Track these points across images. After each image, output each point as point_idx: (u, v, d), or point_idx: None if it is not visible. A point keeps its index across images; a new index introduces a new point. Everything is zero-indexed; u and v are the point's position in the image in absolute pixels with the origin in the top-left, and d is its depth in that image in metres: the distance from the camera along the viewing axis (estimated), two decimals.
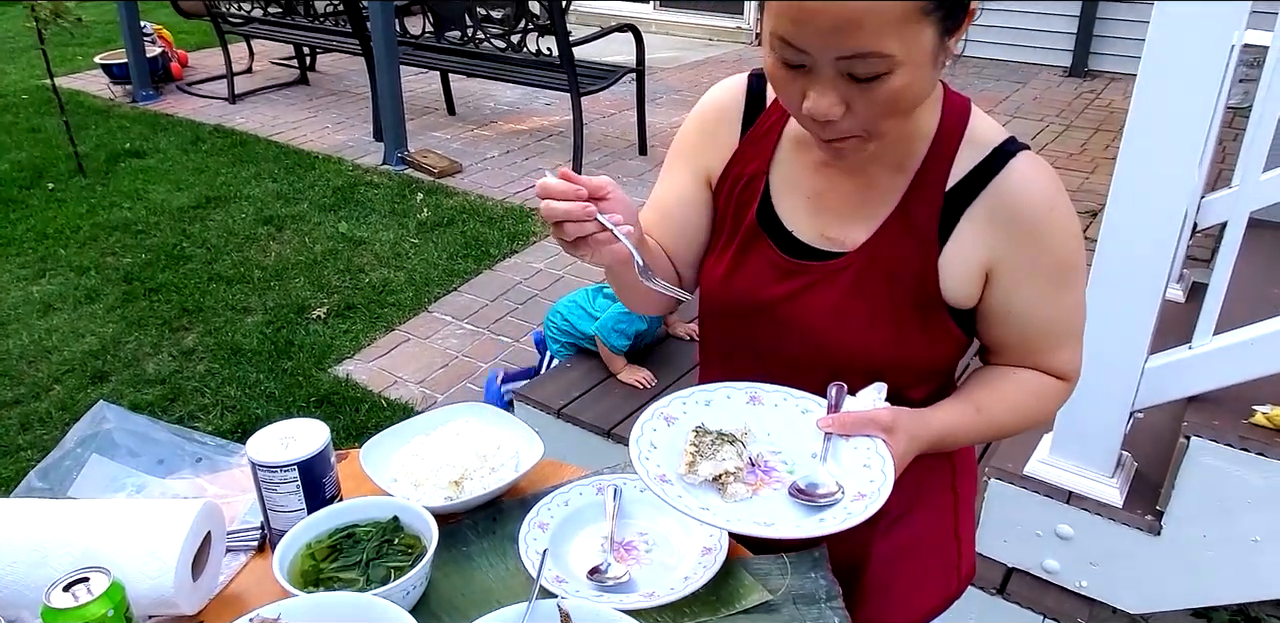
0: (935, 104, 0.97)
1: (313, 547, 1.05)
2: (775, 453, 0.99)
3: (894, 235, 0.98)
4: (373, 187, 4.62)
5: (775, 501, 0.93)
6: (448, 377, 3.11)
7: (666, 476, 0.94)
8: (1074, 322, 1.03)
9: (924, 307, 0.98)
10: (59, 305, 3.55)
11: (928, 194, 0.96)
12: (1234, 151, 3.32)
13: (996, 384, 1.05)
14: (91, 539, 0.98)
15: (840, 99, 0.84)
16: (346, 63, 6.62)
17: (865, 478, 0.91)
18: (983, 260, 0.97)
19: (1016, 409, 1.04)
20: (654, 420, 1.00)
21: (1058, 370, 1.05)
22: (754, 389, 1.03)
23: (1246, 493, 1.67)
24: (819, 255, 1.01)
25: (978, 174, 0.95)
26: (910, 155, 0.97)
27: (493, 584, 1.07)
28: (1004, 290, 0.98)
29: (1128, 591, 1.86)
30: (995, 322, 1.01)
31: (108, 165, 4.92)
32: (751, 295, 1.04)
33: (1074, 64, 6.28)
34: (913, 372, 1.03)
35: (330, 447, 1.11)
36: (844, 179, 1.00)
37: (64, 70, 6.59)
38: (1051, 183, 0.96)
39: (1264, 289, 2.25)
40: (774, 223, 1.04)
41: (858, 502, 0.89)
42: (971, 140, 0.96)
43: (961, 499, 1.21)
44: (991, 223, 0.95)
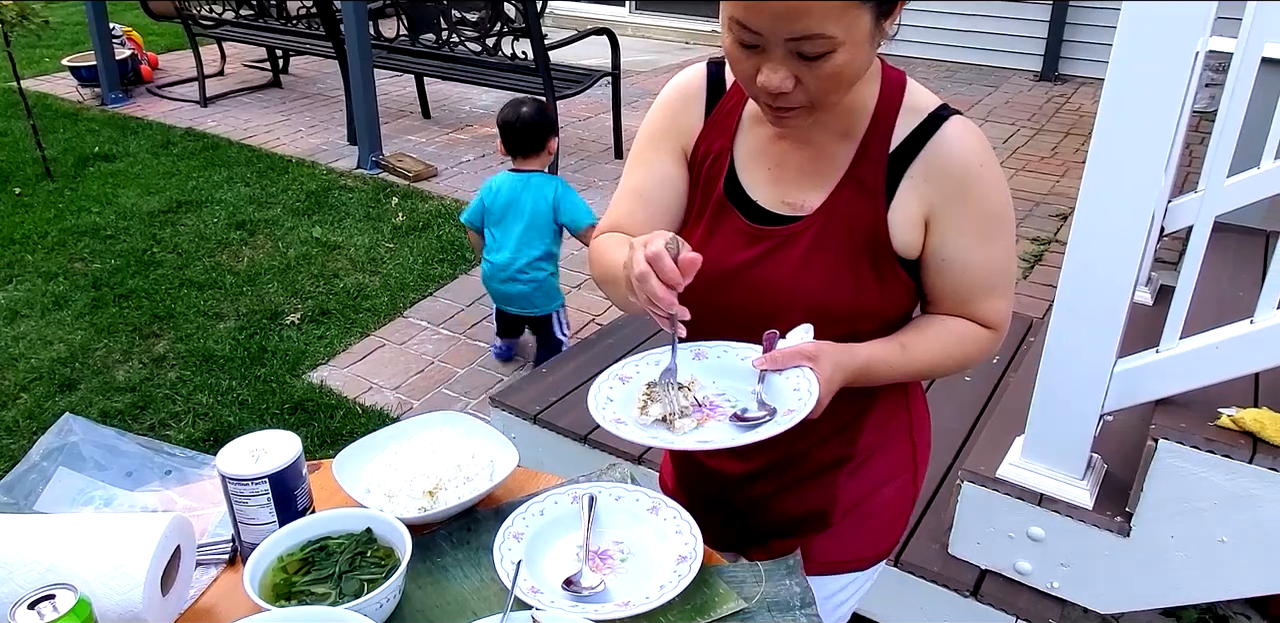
0: (874, 78, 1.08)
1: (285, 560, 1.04)
2: (720, 394, 1.09)
3: (846, 196, 1.08)
4: (347, 191, 4.59)
5: (718, 427, 1.03)
6: (424, 382, 3.10)
7: (622, 419, 1.04)
8: (1001, 273, 1.13)
9: (878, 258, 1.09)
10: (26, 312, 3.50)
11: (873, 157, 1.07)
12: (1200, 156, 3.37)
13: (924, 328, 1.15)
14: (57, 555, 0.97)
15: (790, 74, 0.96)
16: (320, 66, 6.57)
17: (796, 398, 1.02)
18: (922, 212, 1.08)
19: (939, 350, 1.14)
20: (610, 380, 1.11)
21: (985, 319, 1.14)
22: (698, 347, 1.13)
23: (1213, 494, 1.70)
24: (781, 220, 1.11)
25: (916, 137, 1.07)
26: (855, 125, 1.08)
27: (468, 596, 1.06)
28: (939, 239, 1.09)
29: (1098, 591, 1.88)
30: (931, 271, 1.11)
31: (76, 169, 4.85)
32: (722, 262, 1.12)
33: (1045, 68, 6.35)
34: (870, 319, 1.13)
35: (302, 458, 1.10)
36: (798, 150, 1.11)
37: (31, 72, 6.50)
38: (980, 142, 1.07)
39: (1230, 292, 2.29)
40: (739, 194, 1.14)
41: (787, 415, 1.00)
42: (909, 108, 1.08)
43: (918, 448, 1.32)
44: (928, 179, 1.06)
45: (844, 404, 1.11)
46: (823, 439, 1.24)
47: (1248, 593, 1.81)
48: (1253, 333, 1.63)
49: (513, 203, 2.88)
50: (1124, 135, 1.56)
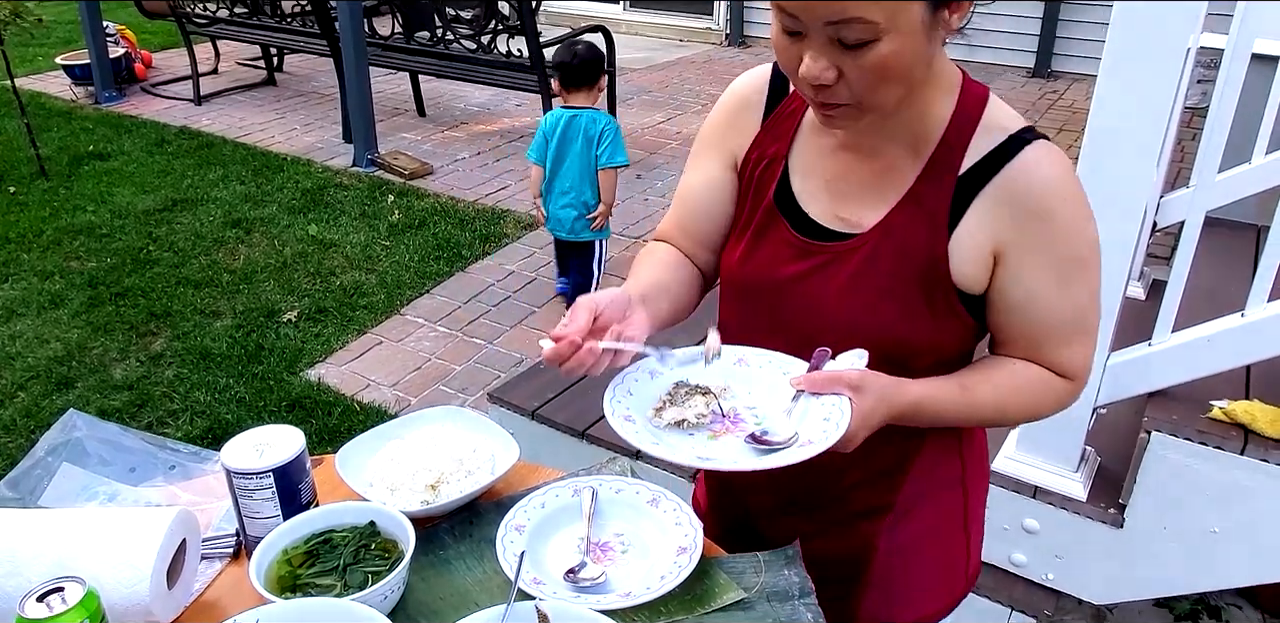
0: (952, 89, 0.99)
1: (289, 553, 1.05)
2: (749, 408, 1.02)
3: (905, 217, 0.99)
4: (342, 189, 4.59)
5: (732, 446, 0.98)
6: (421, 379, 3.11)
7: (631, 416, 1.00)
8: (1080, 318, 1.02)
9: (933, 288, 1.00)
10: (22, 311, 3.49)
11: (940, 178, 0.98)
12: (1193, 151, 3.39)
13: (989, 369, 1.05)
14: (65, 548, 0.98)
15: (831, 64, 0.88)
16: (314, 64, 6.57)
17: (820, 429, 0.94)
18: (991, 245, 0.98)
19: (1004, 396, 1.04)
20: (638, 372, 1.05)
21: (1060, 367, 1.03)
22: (742, 352, 1.06)
23: (1205, 486, 1.72)
24: (833, 236, 1.04)
25: (992, 159, 0.96)
26: (924, 140, 0.99)
27: (470, 587, 1.07)
28: (1008, 277, 0.99)
29: (1092, 582, 1.91)
30: (999, 309, 1.02)
31: (71, 168, 4.85)
32: (767, 275, 1.07)
33: (1037, 65, 6.37)
34: (920, 354, 1.04)
35: (305, 453, 1.11)
36: (860, 163, 1.03)
37: (24, 71, 6.48)
38: (1065, 173, 0.97)
39: (1222, 286, 2.31)
40: (791, 204, 1.07)
41: (803, 448, 0.93)
42: (988, 126, 0.98)
43: (971, 495, 1.20)
44: (1000, 207, 0.96)
45: (886, 445, 1.03)
46: (860, 483, 1.14)
47: (1239, 583, 1.83)
48: (1244, 326, 1.65)
49: (570, 136, 3.24)
50: (1116, 131, 1.57)
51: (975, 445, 1.20)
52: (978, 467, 1.21)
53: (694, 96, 6.15)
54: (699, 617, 1.02)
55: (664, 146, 5.24)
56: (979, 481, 1.22)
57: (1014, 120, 0.99)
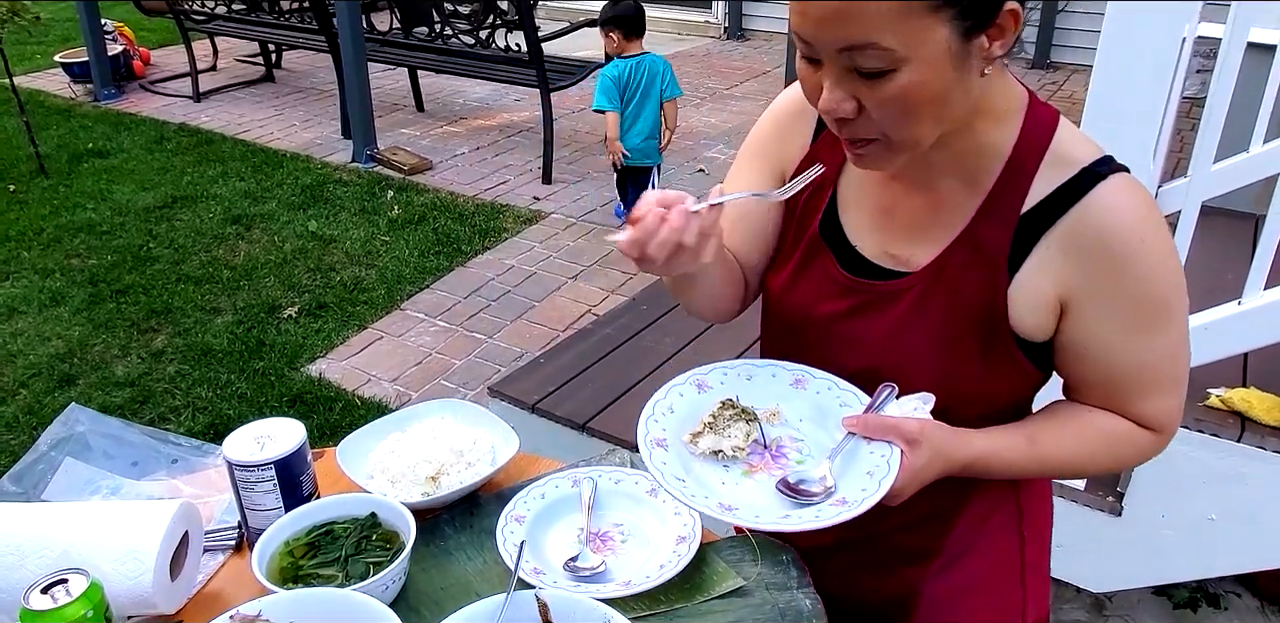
0: (1012, 116, 0.89)
1: (291, 544, 1.06)
2: (797, 440, 0.96)
3: (961, 259, 0.91)
4: (342, 185, 4.60)
5: (763, 488, 0.92)
6: (421, 374, 3.12)
7: (665, 440, 0.94)
8: (1167, 368, 0.92)
9: (989, 337, 0.91)
10: (23, 309, 3.50)
11: (1001, 216, 0.89)
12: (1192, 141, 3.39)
13: (1062, 419, 0.96)
14: (69, 541, 0.98)
15: (848, 95, 0.81)
16: (313, 60, 6.56)
17: (859, 486, 0.88)
18: (1057, 292, 0.89)
19: (1077, 449, 0.95)
20: (685, 385, 0.99)
21: (1144, 419, 0.94)
22: (802, 372, 1.00)
23: (1202, 474, 1.72)
24: (881, 273, 0.96)
25: (1059, 196, 0.87)
26: (983, 172, 0.90)
27: (471, 577, 1.08)
28: (1081, 327, 0.90)
29: (1091, 571, 1.91)
30: (1071, 359, 0.93)
31: (70, 166, 4.85)
32: (809, 310, 1.01)
33: (1036, 56, 6.37)
34: (971, 403, 0.95)
35: (306, 445, 1.12)
36: (913, 195, 0.95)
37: (23, 69, 6.47)
38: (1144, 210, 0.86)
39: (1218, 275, 2.31)
40: (838, 236, 0.99)
41: (834, 508, 0.86)
42: (1055, 159, 0.88)
43: (1029, 543, 1.11)
44: (1069, 252, 0.87)
45: (933, 489, 0.93)
46: (905, 525, 1.07)
47: (1238, 570, 1.84)
48: (1241, 314, 1.66)
49: (644, 82, 3.84)
50: (1112, 121, 1.58)
51: (1034, 491, 1.12)
52: (1038, 513, 1.13)
53: (693, 90, 6.13)
54: (698, 605, 1.03)
55: None
56: (1039, 528, 1.13)
57: (1087, 150, 0.89)
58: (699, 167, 4.86)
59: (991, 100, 0.88)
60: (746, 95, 6.04)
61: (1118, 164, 0.89)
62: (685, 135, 5.29)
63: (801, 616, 1.02)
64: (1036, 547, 1.13)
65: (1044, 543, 1.16)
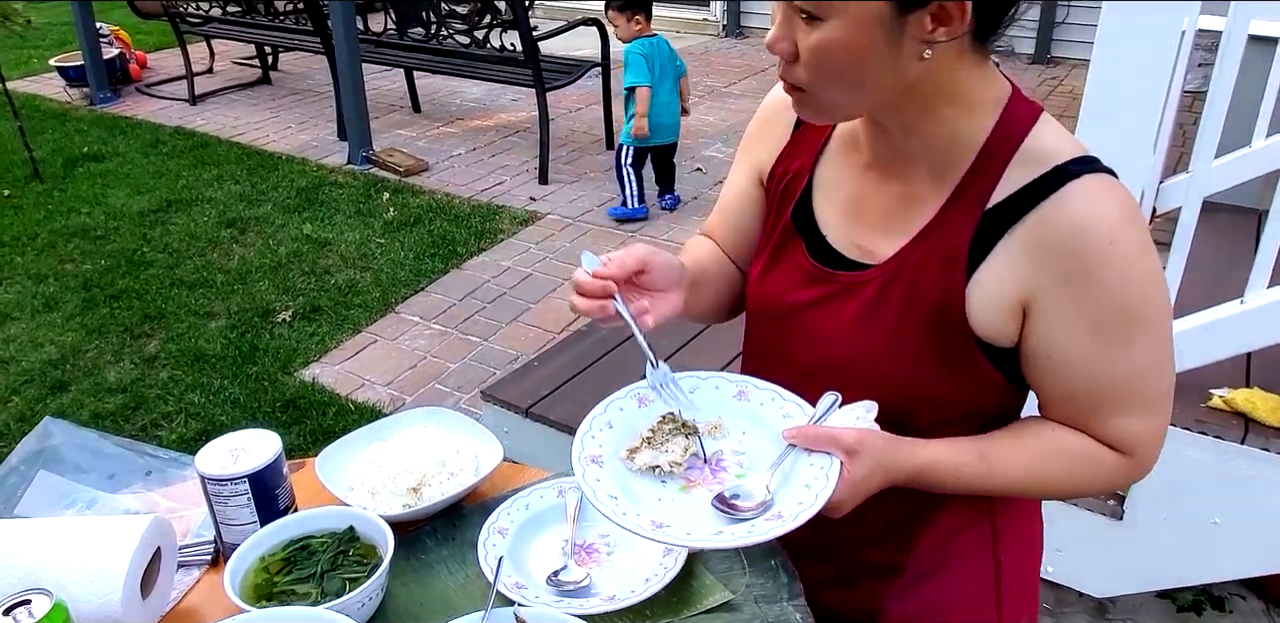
0: (989, 108, 0.86)
1: (266, 560, 1.03)
2: (738, 453, 0.94)
3: (922, 253, 0.89)
4: (337, 187, 4.57)
5: (699, 503, 0.89)
6: (416, 378, 3.09)
7: (600, 457, 0.92)
8: (1138, 385, 0.87)
9: (948, 336, 0.88)
10: (16, 315, 3.48)
11: (965, 211, 0.86)
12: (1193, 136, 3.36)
13: (1022, 436, 0.92)
14: (35, 559, 0.96)
15: (787, 35, 0.82)
16: (309, 62, 6.54)
17: (797, 499, 0.85)
18: (1017, 294, 0.85)
19: (1036, 468, 0.91)
20: (626, 400, 0.97)
21: (1112, 440, 0.89)
22: (746, 384, 0.98)
23: (1205, 476, 1.69)
24: (848, 264, 0.94)
25: (1028, 193, 0.83)
26: (954, 164, 0.87)
27: (452, 592, 1.05)
28: (1042, 333, 0.86)
29: (1092, 575, 1.88)
30: (1034, 368, 0.89)
31: (65, 170, 4.83)
32: (778, 299, 1.00)
33: (1037, 51, 6.33)
34: (930, 406, 0.92)
35: (282, 458, 1.09)
36: (886, 186, 0.93)
37: (18, 73, 6.46)
38: (1118, 212, 0.82)
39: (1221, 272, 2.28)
40: (810, 225, 0.98)
41: (769, 522, 0.84)
42: (1028, 155, 0.85)
43: (1006, 569, 1.06)
44: (1032, 251, 0.83)
45: (893, 502, 0.91)
46: (871, 538, 1.04)
47: (1243, 574, 1.81)
48: (1243, 313, 1.63)
49: (663, 57, 4.04)
50: (1111, 116, 1.55)
51: (1014, 514, 1.06)
52: (1016, 536, 1.07)
53: (691, 89, 6.10)
54: (685, 619, 1.00)
55: None
56: (1020, 554, 1.08)
57: (1065, 148, 0.85)
58: (696, 166, 4.83)
59: (965, 89, 0.86)
60: (745, 93, 6.01)
61: (1100, 165, 0.85)
62: (683, 134, 5.24)
63: None
64: (1017, 574, 1.08)
65: (1026, 571, 1.10)
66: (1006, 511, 1.05)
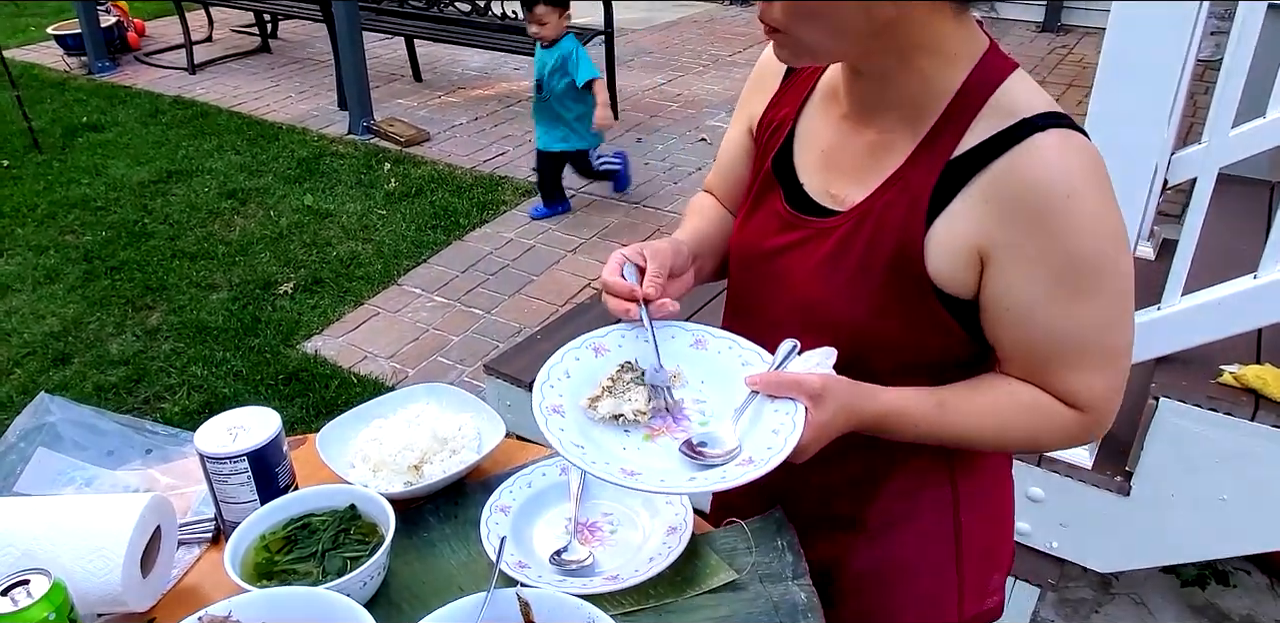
0: (965, 61, 0.87)
1: (267, 539, 1.02)
2: (699, 402, 0.93)
3: (886, 201, 0.90)
4: (338, 157, 4.53)
5: (666, 451, 0.89)
6: (418, 350, 3.08)
7: (561, 406, 0.91)
8: (1093, 340, 0.88)
9: (905, 284, 0.89)
10: (17, 287, 3.47)
11: (930, 160, 0.87)
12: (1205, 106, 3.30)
13: (979, 387, 0.93)
14: (34, 538, 0.95)
15: None
16: (309, 30, 6.45)
17: (765, 444, 0.85)
18: (974, 243, 0.86)
19: (989, 419, 0.92)
20: (582, 349, 0.96)
21: (1068, 395, 0.90)
22: (702, 333, 0.98)
23: (1214, 453, 1.68)
24: (821, 211, 0.96)
25: (993, 144, 0.84)
26: (925, 113, 0.88)
27: (455, 570, 1.05)
28: (997, 283, 0.87)
29: (1098, 550, 1.88)
30: (990, 320, 0.90)
31: (64, 140, 4.79)
32: (755, 245, 1.02)
33: (1046, 18, 6.22)
34: (893, 355, 0.94)
35: (282, 435, 1.08)
36: (859, 135, 0.94)
37: (16, 42, 6.39)
38: (1078, 166, 0.82)
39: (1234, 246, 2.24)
40: (789, 173, 1.00)
41: (740, 467, 0.84)
42: (997, 107, 0.85)
43: (967, 531, 1.07)
44: (991, 201, 0.84)
45: (853, 451, 0.93)
46: (830, 487, 1.07)
47: (1249, 551, 1.80)
48: (1256, 288, 1.60)
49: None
50: (1125, 85, 1.51)
51: (975, 474, 1.07)
52: (979, 500, 1.08)
53: (695, 57, 6.02)
54: (689, 599, 1.00)
55: (664, 109, 5.15)
56: (983, 517, 1.09)
57: (1034, 102, 0.85)
58: (701, 136, 4.77)
59: (943, 41, 0.87)
60: (750, 62, 5.91)
61: (1069, 121, 0.85)
62: (687, 104, 5.20)
63: (796, 609, 0.98)
64: (979, 535, 1.09)
65: (992, 533, 1.11)
66: (969, 472, 1.06)
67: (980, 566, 1.11)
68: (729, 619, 0.97)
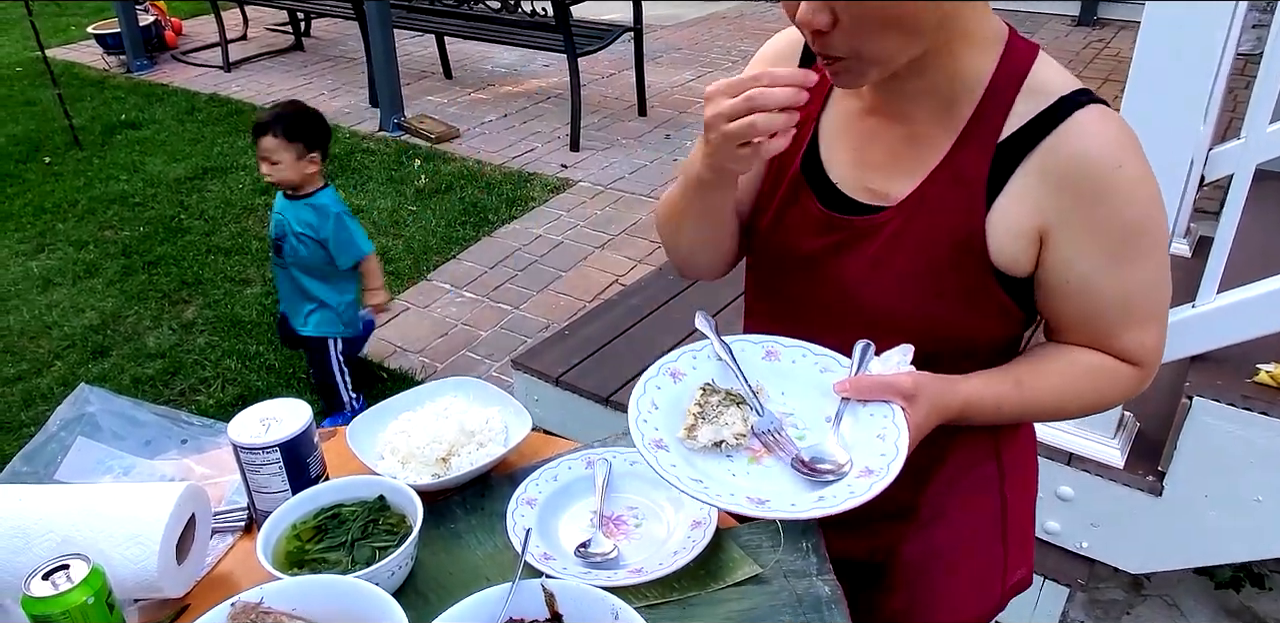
0: (993, 46, 0.89)
1: (298, 528, 1.04)
2: (787, 415, 0.92)
3: (939, 190, 0.91)
4: (369, 154, 4.57)
5: (777, 472, 0.87)
6: (448, 345, 3.10)
7: (663, 441, 0.89)
8: (1146, 299, 0.93)
9: (968, 270, 0.91)
10: (58, 280, 3.54)
11: (978, 146, 0.89)
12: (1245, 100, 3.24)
13: (1046, 360, 0.96)
14: (74, 525, 0.97)
15: (825, 6, 0.80)
16: (342, 28, 6.51)
17: (876, 451, 0.85)
18: (1035, 222, 0.89)
19: (1064, 389, 0.96)
20: (659, 377, 0.95)
21: (1126, 354, 0.95)
22: (771, 344, 0.97)
23: (1249, 453, 1.65)
24: (860, 209, 0.96)
25: (1036, 125, 0.87)
26: (960, 102, 0.90)
27: (481, 562, 1.06)
28: (1060, 258, 0.90)
29: (1129, 551, 1.86)
30: (1052, 294, 0.93)
31: (104, 138, 4.88)
32: (791, 248, 1.01)
33: (1083, 12, 6.12)
34: (953, 342, 0.96)
35: (313, 427, 1.10)
36: (891, 128, 0.94)
37: (57, 41, 6.51)
38: (1121, 138, 0.87)
39: (1271, 243, 2.21)
40: (818, 172, 0.99)
41: (863, 479, 0.83)
42: (1032, 89, 0.88)
43: (1011, 505, 1.10)
44: (1046, 180, 0.87)
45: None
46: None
47: None
48: None
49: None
50: (1159, 80, 1.49)
51: (1016, 448, 1.10)
52: (1019, 472, 1.11)
53: (724, 53, 6.01)
54: (712, 593, 1.00)
55: (693, 105, 5.14)
56: (1021, 487, 1.12)
57: (1065, 82, 0.89)
58: None
59: (973, 26, 0.88)
60: None
61: (1094, 96, 0.89)
62: None
63: (820, 601, 0.98)
64: (1020, 508, 1.12)
65: (1028, 503, 1.14)
66: (1012, 449, 1.09)
67: (1021, 537, 1.13)
68: (752, 612, 0.97)
